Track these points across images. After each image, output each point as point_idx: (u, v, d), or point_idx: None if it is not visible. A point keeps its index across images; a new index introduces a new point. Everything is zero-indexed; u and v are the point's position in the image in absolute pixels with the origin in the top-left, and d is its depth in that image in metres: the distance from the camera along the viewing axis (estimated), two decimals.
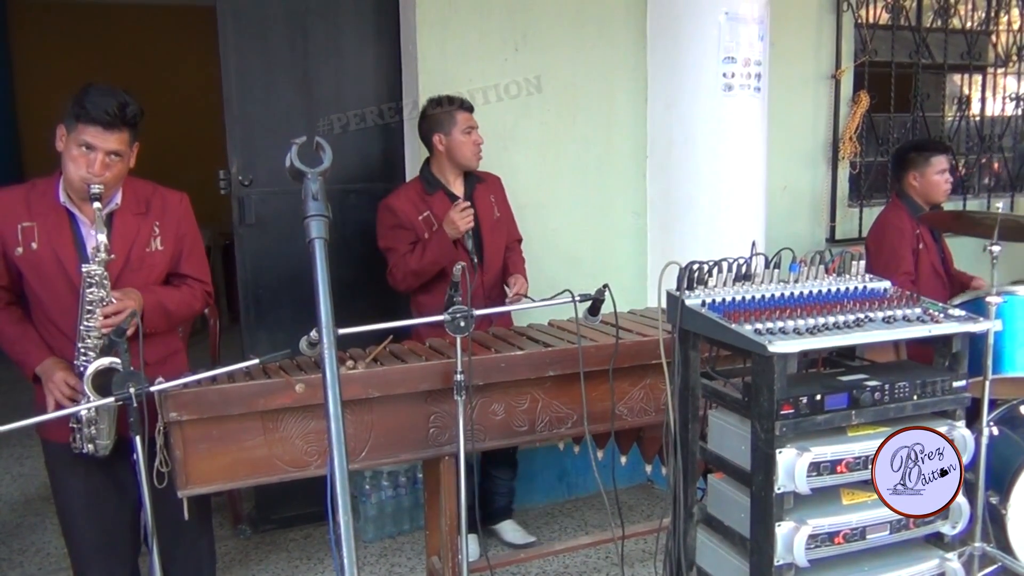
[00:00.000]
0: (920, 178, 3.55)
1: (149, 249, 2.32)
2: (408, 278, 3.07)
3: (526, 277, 3.25)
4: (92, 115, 2.10)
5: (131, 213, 2.29)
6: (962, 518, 1.97)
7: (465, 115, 3.14)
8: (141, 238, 2.31)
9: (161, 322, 2.33)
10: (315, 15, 3.46)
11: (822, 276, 2.15)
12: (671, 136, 3.80)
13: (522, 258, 3.37)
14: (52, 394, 2.21)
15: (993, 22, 5.03)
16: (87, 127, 2.11)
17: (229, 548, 3.50)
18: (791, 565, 1.84)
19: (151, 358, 2.29)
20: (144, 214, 2.32)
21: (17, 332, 2.28)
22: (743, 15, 3.64)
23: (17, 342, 2.27)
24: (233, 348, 3.61)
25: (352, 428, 2.29)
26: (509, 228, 3.34)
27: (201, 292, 2.47)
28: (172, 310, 2.35)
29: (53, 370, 2.22)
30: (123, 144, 2.17)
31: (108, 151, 2.14)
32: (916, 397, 1.93)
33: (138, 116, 2.19)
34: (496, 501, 3.49)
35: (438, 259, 2.99)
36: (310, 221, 1.30)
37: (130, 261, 2.28)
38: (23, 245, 2.20)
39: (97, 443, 2.19)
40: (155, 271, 2.35)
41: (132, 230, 2.28)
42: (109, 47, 7.29)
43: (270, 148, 3.40)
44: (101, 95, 2.12)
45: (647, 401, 2.63)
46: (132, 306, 2.17)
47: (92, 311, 2.13)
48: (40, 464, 4.31)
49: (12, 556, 3.47)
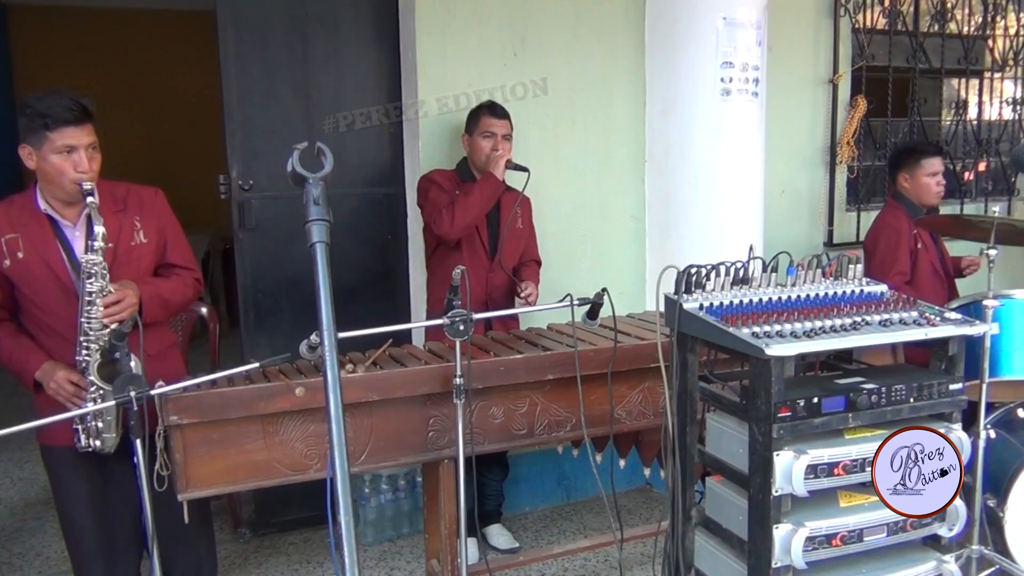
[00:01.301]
0: (910, 179, 3.57)
1: (134, 243, 2.37)
2: (461, 216, 3.05)
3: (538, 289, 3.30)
4: (61, 117, 2.15)
5: (110, 211, 2.32)
6: (959, 520, 1.98)
7: (487, 120, 3.19)
8: (124, 233, 2.35)
9: (160, 312, 2.37)
10: (315, 20, 3.48)
11: (819, 280, 2.16)
12: (669, 140, 3.81)
13: (537, 275, 3.40)
14: (56, 394, 2.23)
15: (990, 27, 5.05)
16: (61, 130, 2.16)
17: (229, 552, 3.50)
18: (789, 567, 1.85)
19: (150, 350, 2.32)
20: (123, 211, 2.37)
21: (12, 344, 2.30)
22: (741, 20, 3.66)
23: (14, 352, 2.30)
24: (233, 352, 3.61)
25: (352, 431, 2.30)
26: (528, 244, 3.40)
27: (191, 279, 2.51)
28: (168, 299, 2.40)
29: (53, 371, 2.24)
30: (94, 135, 2.22)
31: (87, 145, 2.20)
32: (913, 400, 1.94)
33: (90, 106, 2.23)
34: (485, 504, 3.49)
35: (490, 196, 3.11)
36: (311, 225, 1.31)
37: (118, 256, 2.31)
38: (9, 257, 2.24)
39: (104, 437, 2.20)
40: (143, 264, 2.39)
41: (114, 226, 2.32)
42: (109, 52, 7.30)
43: (270, 153, 3.41)
44: (53, 100, 2.16)
45: (646, 404, 2.64)
46: (131, 296, 2.22)
47: (93, 302, 2.17)
48: (40, 468, 4.28)
49: (12, 560, 3.47)
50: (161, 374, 2.19)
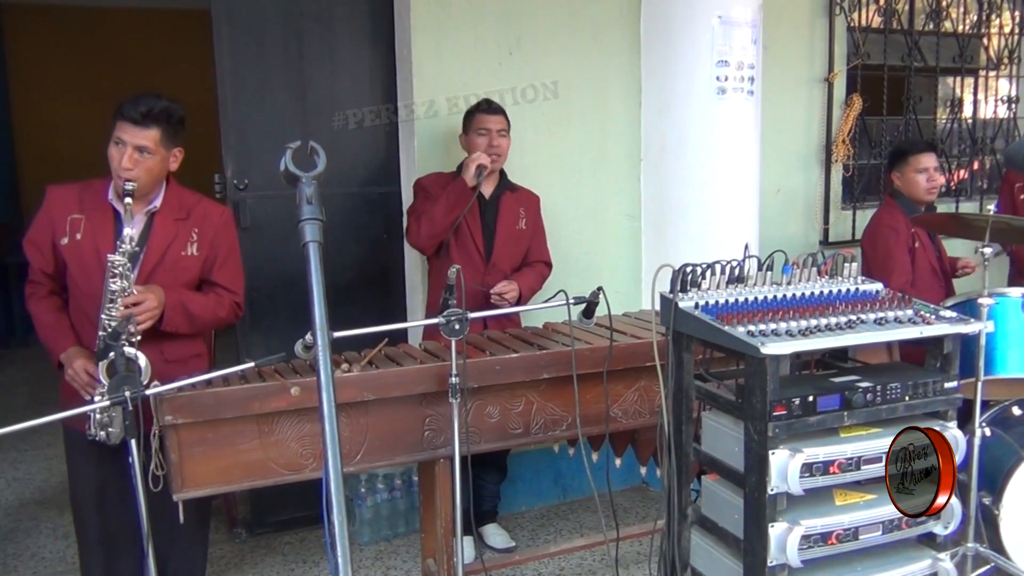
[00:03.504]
0: (901, 178, 3.60)
1: (184, 253, 2.42)
2: (428, 232, 3.06)
3: (525, 290, 3.18)
4: (124, 113, 2.26)
5: (171, 217, 2.40)
6: (954, 518, 1.99)
7: (481, 117, 3.19)
8: (178, 241, 2.41)
9: (182, 323, 2.38)
10: (310, 19, 3.47)
11: (815, 278, 2.16)
12: (665, 139, 3.82)
13: (535, 275, 3.29)
14: (73, 381, 2.29)
15: (985, 25, 5.06)
16: (120, 124, 2.28)
17: (224, 551, 3.50)
18: (784, 566, 1.85)
19: (172, 356, 2.39)
20: (184, 220, 2.43)
21: (52, 320, 2.40)
22: (736, 18, 3.66)
23: (51, 329, 2.39)
24: (228, 352, 3.61)
25: (347, 431, 2.30)
26: (533, 246, 3.33)
27: (229, 301, 2.52)
28: (195, 313, 2.41)
29: (74, 358, 2.31)
30: (151, 141, 2.28)
31: (136, 146, 2.26)
32: (908, 398, 1.95)
33: (170, 115, 2.31)
34: (481, 504, 3.50)
35: (454, 204, 3.04)
36: (304, 225, 1.31)
37: (164, 261, 2.38)
38: (69, 236, 2.33)
39: (110, 431, 2.24)
40: (187, 275, 2.44)
41: (170, 232, 2.39)
42: (104, 52, 7.26)
43: (265, 152, 3.40)
44: (140, 97, 2.28)
45: (641, 403, 2.64)
46: (152, 300, 2.26)
47: (114, 301, 2.22)
48: (35, 468, 4.35)
49: (7, 560, 3.46)
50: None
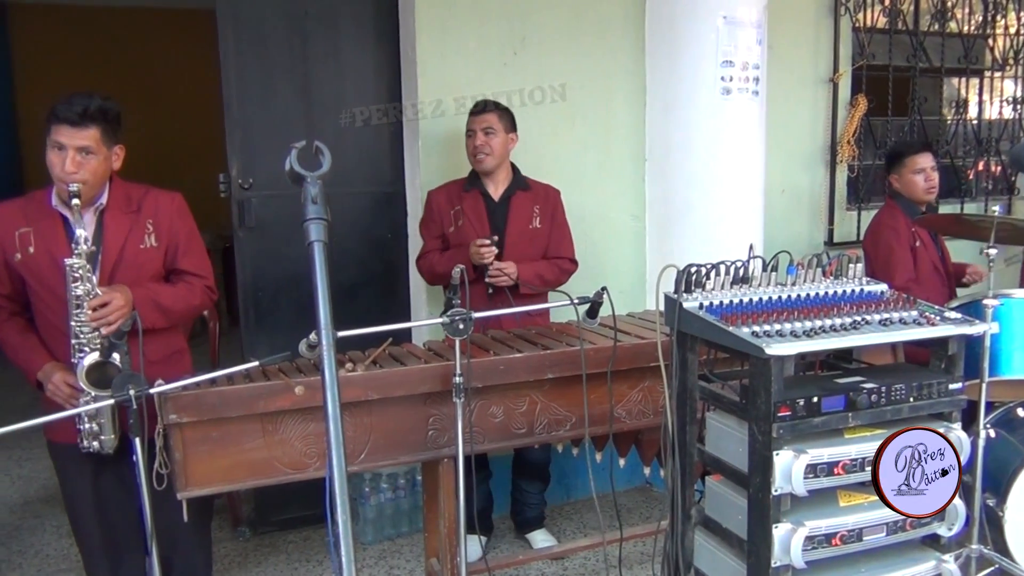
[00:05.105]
0: (899, 179, 3.61)
1: (143, 246, 2.36)
2: (428, 276, 3.29)
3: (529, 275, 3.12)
4: (59, 115, 2.18)
5: (121, 212, 2.33)
6: (958, 520, 1.98)
7: (470, 118, 3.21)
8: (134, 235, 2.34)
9: (156, 317, 2.34)
10: (314, 19, 3.47)
11: (819, 279, 2.16)
12: (669, 139, 3.81)
13: (551, 265, 3.23)
14: (54, 396, 2.25)
15: (990, 26, 5.05)
16: (57, 127, 2.19)
17: (228, 550, 3.50)
18: (788, 567, 1.85)
19: (154, 356, 2.32)
20: (136, 212, 2.36)
21: (19, 341, 2.34)
22: (741, 19, 3.65)
23: (21, 350, 2.33)
24: (233, 351, 3.62)
25: (351, 430, 2.30)
26: (551, 242, 3.28)
27: (200, 287, 2.48)
28: (167, 305, 2.37)
29: (52, 372, 2.26)
30: (92, 141, 2.21)
31: (77, 147, 2.19)
32: (912, 399, 1.94)
33: (107, 112, 2.24)
34: (526, 512, 3.52)
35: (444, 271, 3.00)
36: (309, 224, 1.31)
37: (124, 258, 2.32)
38: (20, 251, 2.26)
39: (102, 439, 2.22)
40: (151, 267, 2.38)
41: (123, 226, 2.32)
42: (110, 51, 7.30)
43: (270, 151, 3.41)
44: (73, 98, 2.19)
45: (645, 403, 2.64)
46: (118, 299, 2.19)
47: (80, 306, 2.16)
48: (39, 466, 4.35)
49: (11, 558, 3.47)
50: (166, 379, 2.18)
